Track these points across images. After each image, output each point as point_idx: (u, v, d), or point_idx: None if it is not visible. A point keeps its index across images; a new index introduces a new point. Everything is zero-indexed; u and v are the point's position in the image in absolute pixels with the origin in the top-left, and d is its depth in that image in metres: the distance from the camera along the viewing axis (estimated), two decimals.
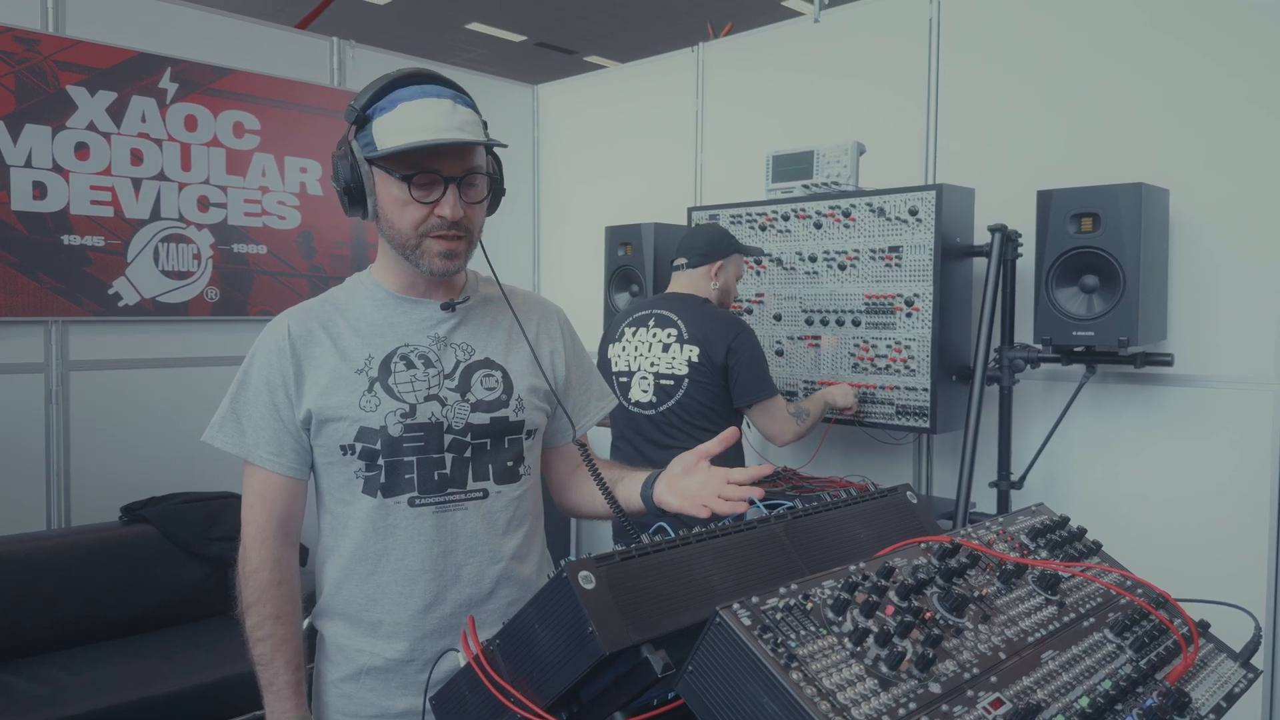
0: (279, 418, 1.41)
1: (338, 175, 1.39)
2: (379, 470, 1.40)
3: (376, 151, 1.34)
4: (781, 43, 3.73)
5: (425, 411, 1.42)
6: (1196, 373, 2.64)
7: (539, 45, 12.61)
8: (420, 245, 1.38)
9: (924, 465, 3.29)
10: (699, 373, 2.56)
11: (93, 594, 3.10)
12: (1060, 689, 0.95)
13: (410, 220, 1.37)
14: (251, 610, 1.40)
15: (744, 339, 2.59)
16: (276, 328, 1.44)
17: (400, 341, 1.44)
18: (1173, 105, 2.68)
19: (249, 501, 1.44)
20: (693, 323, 2.61)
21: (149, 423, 3.47)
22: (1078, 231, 2.47)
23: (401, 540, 1.42)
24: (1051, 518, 1.30)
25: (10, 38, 3.10)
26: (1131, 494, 2.75)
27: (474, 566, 1.45)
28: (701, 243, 2.73)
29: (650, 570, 0.98)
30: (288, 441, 1.41)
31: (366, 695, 1.43)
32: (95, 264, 3.32)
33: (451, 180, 1.36)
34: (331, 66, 4.01)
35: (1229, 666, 1.15)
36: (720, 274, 2.72)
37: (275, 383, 1.41)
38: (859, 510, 1.26)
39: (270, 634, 1.39)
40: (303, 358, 1.41)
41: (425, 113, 1.33)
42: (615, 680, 0.94)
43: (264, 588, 1.41)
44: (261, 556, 1.42)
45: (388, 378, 1.41)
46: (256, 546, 1.42)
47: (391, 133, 1.33)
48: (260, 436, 1.41)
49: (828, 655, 0.85)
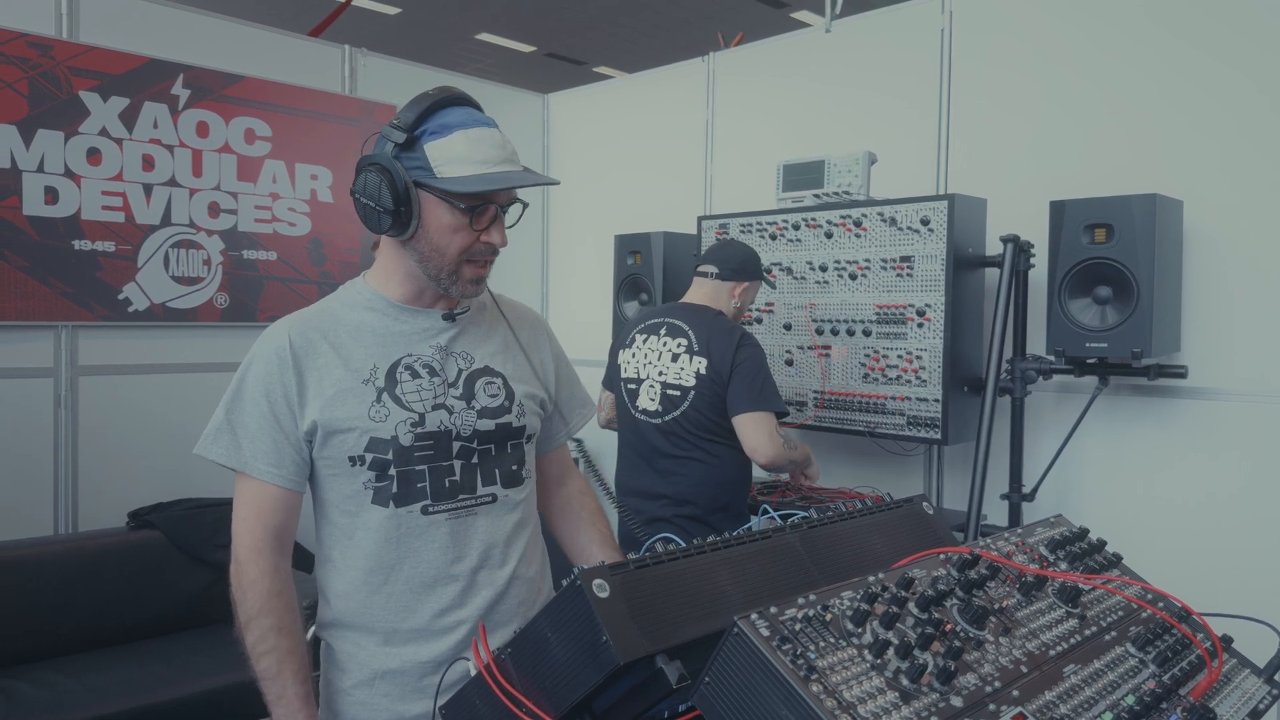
0: (279, 429, 1.39)
1: (376, 194, 1.36)
2: (390, 480, 1.40)
3: (438, 180, 1.34)
4: (793, 53, 3.72)
5: (434, 420, 1.43)
6: (1211, 385, 2.61)
7: (548, 56, 12.66)
8: (458, 270, 1.41)
9: (935, 477, 3.26)
10: (705, 385, 2.53)
11: (98, 600, 3.08)
12: (1083, 704, 0.93)
13: (459, 246, 1.39)
14: (252, 624, 1.36)
15: (750, 353, 2.54)
16: (275, 337, 1.42)
17: (404, 351, 1.45)
18: (1186, 116, 2.67)
19: (242, 514, 1.40)
20: (703, 334, 2.58)
21: (157, 428, 3.46)
22: (1091, 242, 2.45)
23: (415, 548, 1.42)
24: (1071, 529, 1.28)
25: (24, 43, 3.11)
26: (1145, 508, 2.72)
27: (488, 570, 1.47)
28: (736, 260, 2.69)
29: (665, 579, 0.97)
30: (288, 453, 1.40)
31: (381, 701, 1.42)
32: (106, 269, 3.32)
33: (502, 209, 1.41)
34: (343, 74, 4.02)
35: (1253, 682, 1.12)
36: (743, 294, 2.69)
37: (275, 393, 1.39)
38: (875, 521, 1.24)
39: (274, 647, 1.36)
40: (305, 368, 1.40)
41: (484, 143, 1.36)
42: (629, 691, 0.92)
43: (265, 599, 1.37)
44: (260, 568, 1.38)
45: (395, 387, 1.42)
46: (254, 558, 1.38)
47: (455, 162, 1.34)
48: (258, 448, 1.39)
49: (848, 667, 0.83)
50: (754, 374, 2.51)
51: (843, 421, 3.02)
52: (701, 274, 2.71)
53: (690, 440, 2.55)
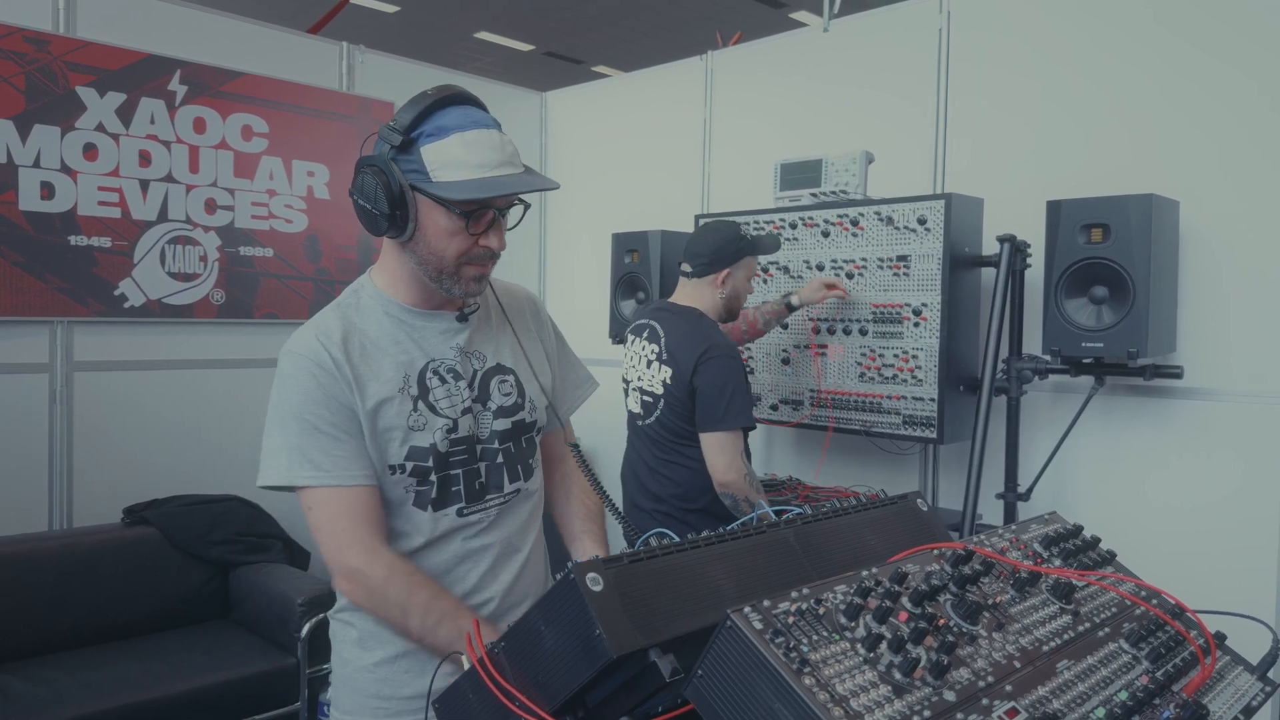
0: (355, 433, 1.37)
1: (373, 197, 1.34)
2: (430, 485, 1.43)
3: (434, 185, 1.31)
4: (791, 52, 3.73)
5: (465, 425, 1.45)
6: (1206, 386, 2.62)
7: (547, 55, 12.66)
8: (458, 272, 1.40)
9: (930, 476, 3.26)
10: (671, 395, 2.46)
11: (94, 596, 3.08)
12: (1076, 699, 0.93)
13: (457, 249, 1.37)
14: (411, 612, 1.33)
15: (715, 365, 2.39)
16: (309, 350, 1.37)
17: (428, 356, 1.45)
18: (1184, 117, 2.67)
19: (340, 525, 1.36)
20: (672, 342, 2.48)
21: (153, 424, 3.46)
22: (1087, 242, 2.45)
23: (446, 542, 1.46)
24: (1065, 526, 1.28)
25: (21, 38, 3.11)
26: (1140, 508, 2.73)
27: (512, 560, 1.52)
28: (707, 249, 2.53)
29: (659, 573, 0.97)
30: (364, 452, 1.38)
31: (403, 677, 1.45)
32: (102, 265, 3.32)
33: (501, 213, 1.39)
34: (341, 71, 4.02)
35: (1246, 679, 1.13)
36: (728, 281, 2.54)
37: (335, 402, 1.36)
38: (869, 517, 1.24)
39: (442, 612, 1.34)
40: (349, 377, 1.37)
41: (481, 147, 1.32)
42: (622, 684, 0.92)
43: (408, 583, 1.35)
44: (386, 561, 1.36)
45: (427, 394, 1.43)
46: (372, 559, 1.35)
47: (451, 166, 1.31)
48: (340, 457, 1.35)
49: (840, 661, 0.83)
50: (716, 391, 2.38)
51: (839, 420, 3.02)
52: (681, 273, 2.61)
53: (668, 444, 2.52)
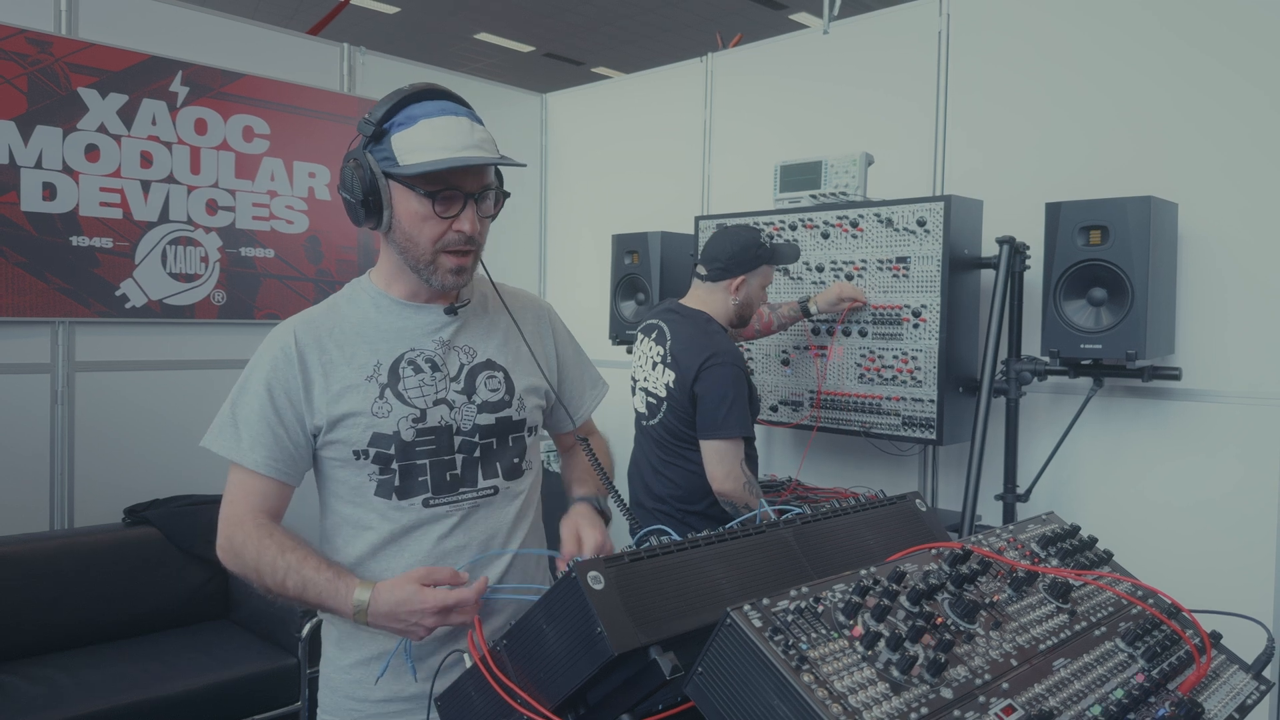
0: (280, 423, 1.41)
1: (351, 187, 1.39)
2: (393, 474, 1.43)
3: (399, 167, 1.35)
4: (791, 54, 3.74)
5: (435, 415, 1.45)
6: (1204, 387, 2.63)
7: (547, 56, 12.67)
8: (435, 260, 1.41)
9: (929, 477, 3.27)
10: (673, 399, 2.47)
11: (93, 596, 3.08)
12: (1072, 697, 0.94)
13: (429, 235, 1.39)
14: (262, 566, 1.35)
15: (717, 372, 2.38)
16: (282, 336, 1.44)
17: (406, 347, 1.47)
18: (1180, 119, 2.68)
19: (231, 496, 1.42)
20: (678, 346, 2.47)
21: (153, 425, 3.46)
22: (1086, 244, 2.46)
23: (417, 538, 1.45)
24: (1062, 526, 1.29)
25: (23, 39, 3.12)
26: (1138, 509, 2.74)
27: (492, 565, 1.49)
28: (724, 255, 2.50)
29: (659, 572, 0.98)
30: (285, 446, 1.42)
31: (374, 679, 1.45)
32: (103, 265, 3.32)
33: (470, 196, 1.39)
34: (341, 72, 4.03)
35: (1241, 678, 1.13)
36: (742, 289, 2.51)
37: (278, 389, 1.41)
38: (868, 517, 1.25)
39: (288, 565, 1.34)
40: (310, 366, 1.42)
41: (446, 131, 1.35)
42: (623, 682, 0.93)
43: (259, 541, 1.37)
44: (247, 526, 1.39)
45: (397, 383, 1.44)
46: (238, 524, 1.39)
47: (416, 150, 1.34)
48: (257, 440, 1.41)
49: (839, 658, 0.84)
50: (716, 399, 2.38)
51: (838, 422, 3.03)
52: (695, 275, 2.60)
53: (670, 446, 2.52)
